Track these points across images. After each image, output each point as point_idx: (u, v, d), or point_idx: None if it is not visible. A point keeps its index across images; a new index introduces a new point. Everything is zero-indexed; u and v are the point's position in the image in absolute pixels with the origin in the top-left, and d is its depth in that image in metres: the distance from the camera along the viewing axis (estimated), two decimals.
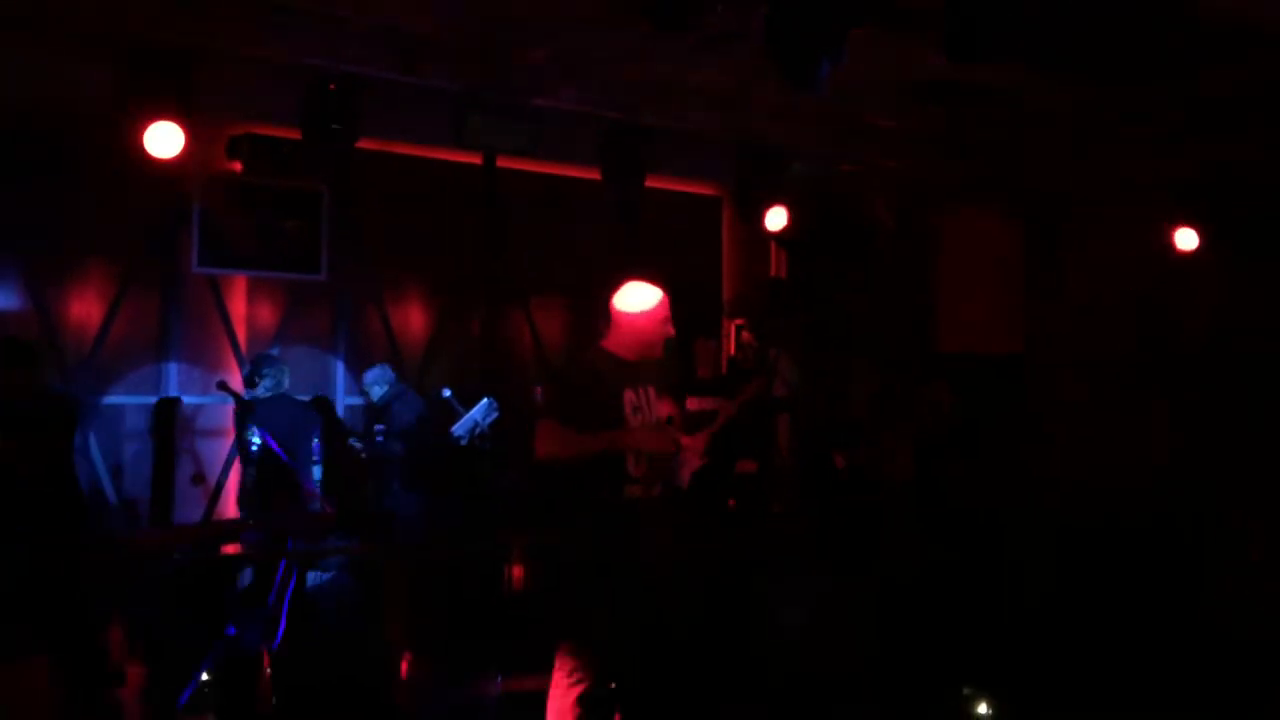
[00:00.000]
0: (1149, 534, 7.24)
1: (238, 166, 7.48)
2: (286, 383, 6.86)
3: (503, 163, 8.28)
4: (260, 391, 6.79)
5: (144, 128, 5.95)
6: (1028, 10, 5.43)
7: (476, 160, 8.20)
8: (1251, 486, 7.15)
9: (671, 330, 4.64)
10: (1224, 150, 7.19)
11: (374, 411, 7.43)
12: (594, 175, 7.88)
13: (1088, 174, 7.94)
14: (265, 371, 6.92)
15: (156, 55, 5.93)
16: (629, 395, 4.48)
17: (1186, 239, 7.69)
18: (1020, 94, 7.09)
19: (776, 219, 7.85)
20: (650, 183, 7.98)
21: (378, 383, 7.39)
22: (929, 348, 9.25)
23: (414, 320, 8.44)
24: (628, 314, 4.54)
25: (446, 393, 6.93)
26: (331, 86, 5.99)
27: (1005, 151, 8.01)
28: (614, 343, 4.56)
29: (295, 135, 6.96)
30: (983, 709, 5.72)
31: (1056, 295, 8.52)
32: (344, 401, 8.00)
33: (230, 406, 7.08)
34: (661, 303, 4.57)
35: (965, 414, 8.31)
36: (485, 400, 6.77)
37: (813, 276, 9.16)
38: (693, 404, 6.82)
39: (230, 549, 6.28)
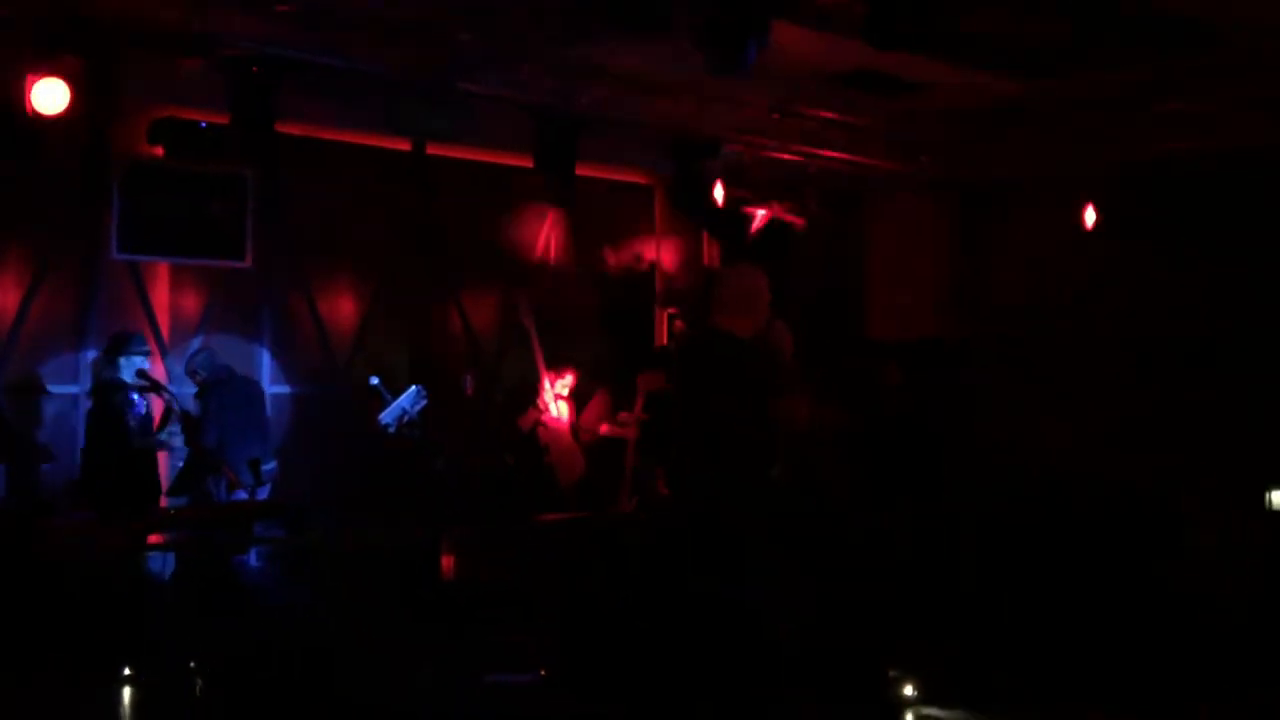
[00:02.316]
0: (1085, 514, 7.38)
1: (160, 151, 7.31)
2: (221, 359, 6.79)
3: (433, 149, 8.22)
4: (205, 377, 6.70)
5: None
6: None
7: (406, 146, 8.13)
8: (1185, 463, 7.32)
9: None
10: (1144, 137, 7.35)
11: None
12: (526, 163, 7.85)
13: (1013, 163, 8.08)
14: (196, 360, 6.85)
15: (76, 31, 5.77)
16: None
17: (1089, 217, 7.82)
18: (946, 85, 7.20)
19: (716, 194, 7.85)
20: (583, 171, 7.98)
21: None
22: (859, 333, 9.36)
23: (342, 308, 8.33)
24: None
25: (374, 380, 6.86)
26: (255, 69, 5.86)
27: (933, 141, 8.12)
28: None
29: (220, 119, 6.87)
30: (909, 690, 5.80)
31: (984, 281, 8.67)
32: (271, 390, 7.87)
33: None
34: None
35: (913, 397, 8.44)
36: (414, 388, 6.72)
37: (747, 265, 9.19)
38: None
39: (155, 539, 6.18)
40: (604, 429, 7.74)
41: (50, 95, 5.81)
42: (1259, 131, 7.07)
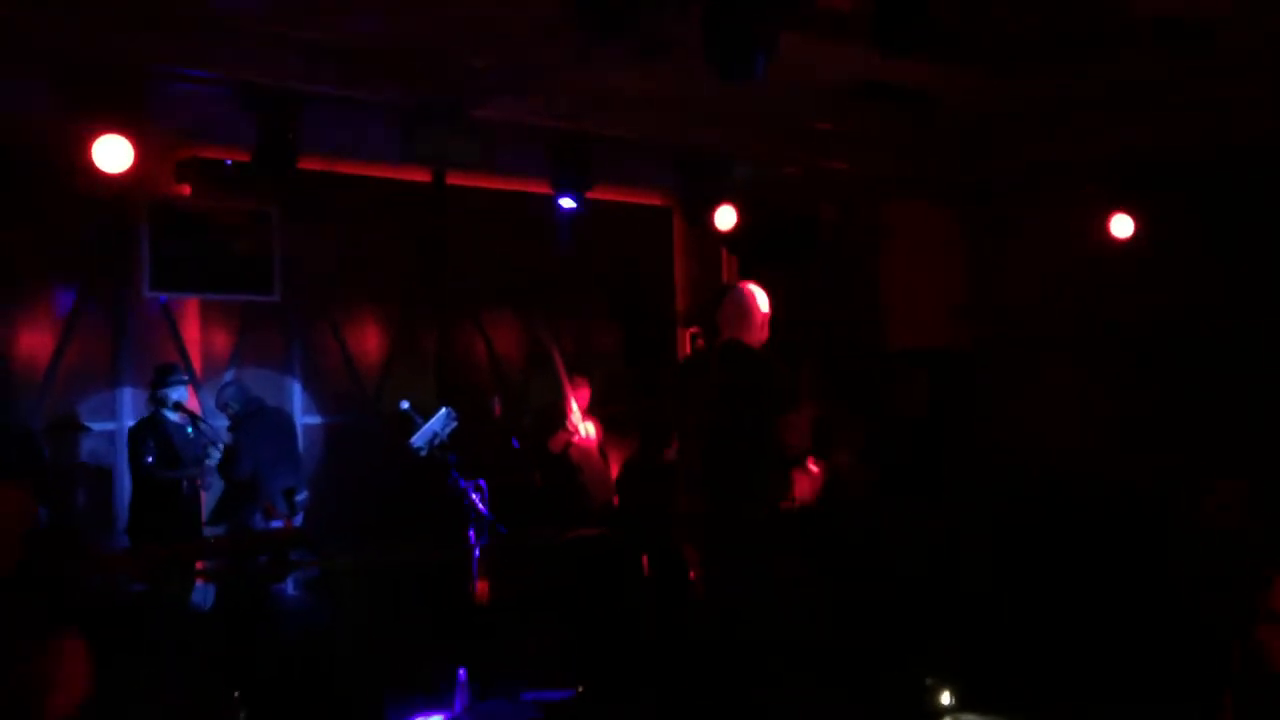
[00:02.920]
0: (1107, 515, 7.39)
1: (186, 189, 7.50)
2: (253, 392, 6.93)
3: (451, 179, 8.38)
4: (238, 410, 6.84)
5: (91, 145, 5.96)
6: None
7: (425, 178, 8.29)
8: (1205, 460, 7.33)
9: None
10: (1156, 135, 7.39)
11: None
12: (543, 189, 8.00)
13: (1022, 168, 8.15)
14: (228, 393, 6.98)
15: (106, 74, 5.95)
16: None
17: (1122, 226, 7.89)
18: (955, 91, 7.28)
19: (725, 218, 7.96)
20: (601, 194, 8.10)
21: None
22: (880, 347, 9.41)
23: (369, 337, 8.48)
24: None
25: (405, 405, 6.95)
26: (276, 102, 6.02)
27: (944, 148, 8.20)
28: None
29: (242, 156, 7.04)
30: (946, 699, 5.80)
31: (1001, 287, 8.71)
32: (302, 420, 8.00)
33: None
34: None
35: (920, 404, 8.49)
36: (443, 410, 6.79)
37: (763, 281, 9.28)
38: None
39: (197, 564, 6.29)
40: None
41: (114, 154, 5.98)
42: (1261, 131, 7.11)
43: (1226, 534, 6.24)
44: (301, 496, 6.73)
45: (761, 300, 5.13)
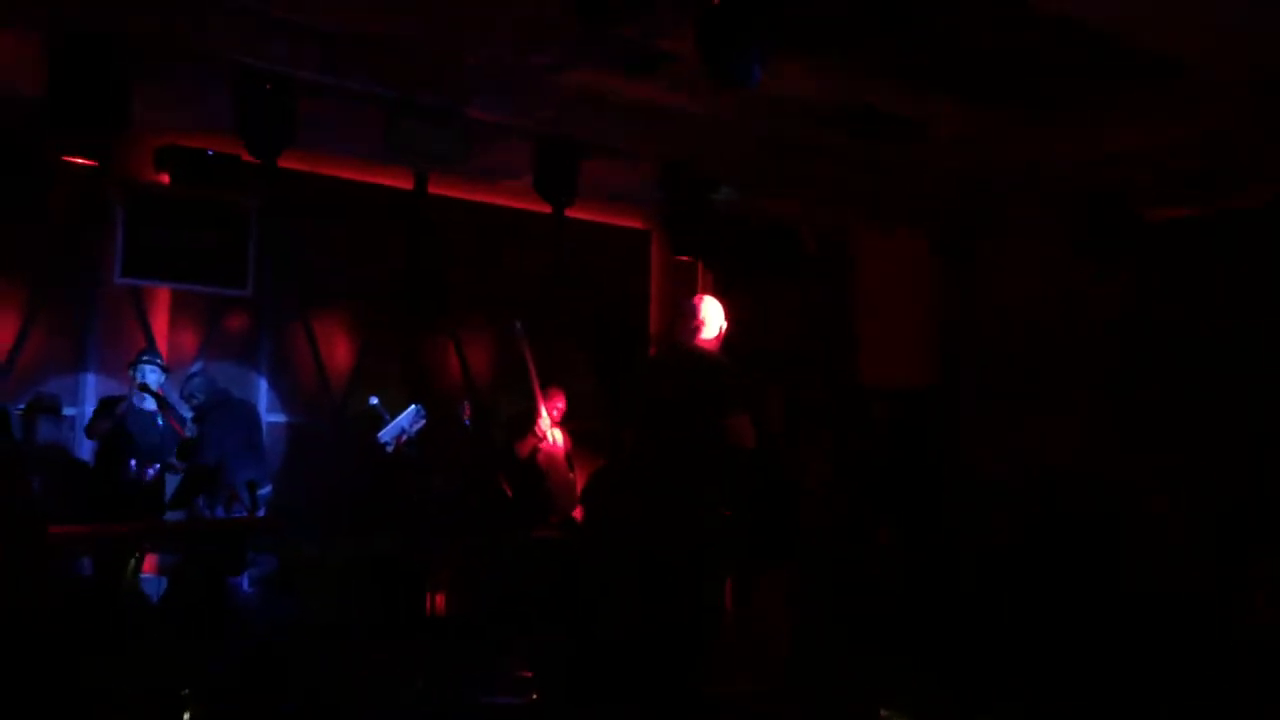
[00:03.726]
0: (1070, 552, 7.43)
1: (165, 178, 7.43)
2: (219, 383, 6.84)
3: (433, 189, 8.37)
4: (202, 401, 6.74)
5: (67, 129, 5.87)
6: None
7: (406, 184, 8.28)
8: (1166, 496, 7.39)
9: None
10: (1122, 175, 7.52)
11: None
12: (523, 205, 8.00)
13: (1000, 198, 8.25)
14: (194, 384, 6.89)
15: (85, 49, 5.87)
16: None
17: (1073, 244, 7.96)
18: (935, 123, 7.38)
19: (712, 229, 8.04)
20: (579, 214, 8.11)
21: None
22: (853, 378, 9.43)
23: (340, 340, 8.40)
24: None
25: (374, 400, 6.89)
26: (268, 86, 5.98)
27: (925, 179, 8.29)
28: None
29: (225, 148, 7.00)
30: None
31: (974, 319, 8.78)
32: (267, 418, 7.88)
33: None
34: None
35: (892, 436, 8.51)
36: (413, 407, 6.75)
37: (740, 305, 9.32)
38: None
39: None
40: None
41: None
42: (1223, 159, 7.25)
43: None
44: (265, 490, 6.61)
45: (715, 311, 5.29)
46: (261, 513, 6.85)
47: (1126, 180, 7.56)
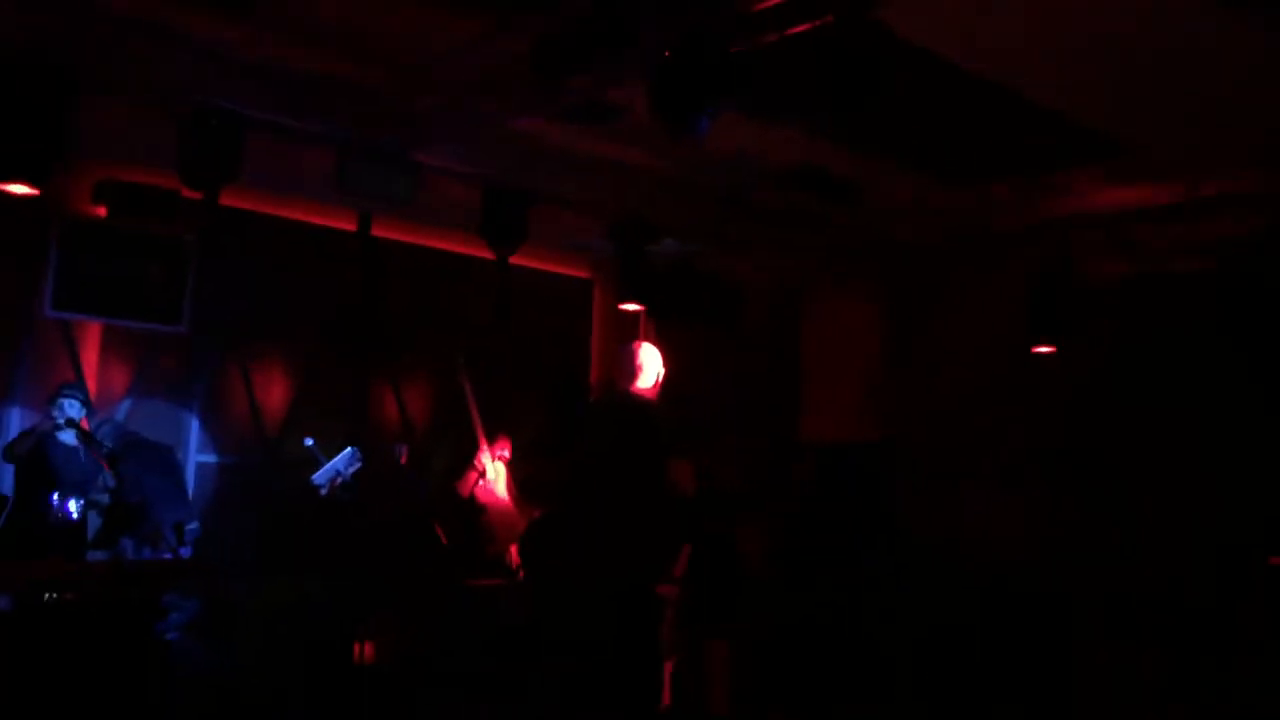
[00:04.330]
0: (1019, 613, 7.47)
1: (102, 211, 7.29)
2: (128, 428, 6.70)
3: (377, 230, 8.32)
4: (112, 446, 6.58)
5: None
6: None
7: (350, 225, 8.22)
8: (1098, 570, 7.45)
9: None
10: (1060, 242, 7.66)
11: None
12: (467, 250, 7.96)
13: (944, 265, 8.36)
14: (103, 431, 6.75)
15: (24, 78, 5.77)
16: None
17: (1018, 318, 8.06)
18: (882, 188, 7.49)
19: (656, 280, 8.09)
20: (525, 262, 8.07)
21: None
22: (793, 435, 9.46)
23: (277, 380, 8.24)
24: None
25: (309, 441, 6.77)
26: (213, 121, 5.92)
27: (869, 242, 8.39)
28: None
29: (166, 182, 6.89)
30: None
31: (915, 382, 8.84)
32: (195, 459, 7.71)
33: None
34: None
35: (832, 495, 8.52)
36: (349, 449, 6.64)
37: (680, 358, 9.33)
38: None
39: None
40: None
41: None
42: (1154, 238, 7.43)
43: None
44: (192, 526, 6.44)
45: (653, 358, 5.34)
46: (187, 552, 6.68)
47: (1071, 248, 7.68)
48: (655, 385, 5.31)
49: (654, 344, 5.60)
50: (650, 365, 5.30)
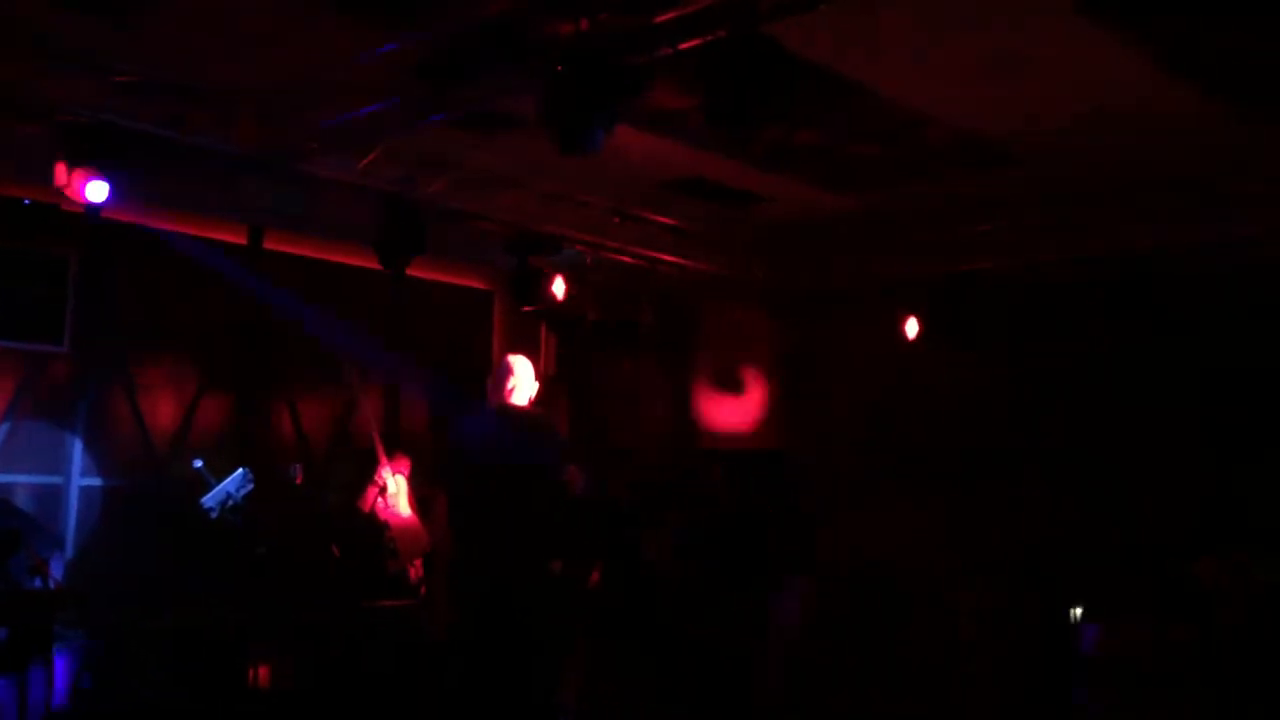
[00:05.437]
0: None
1: None
2: None
3: (269, 244, 8.14)
4: None
5: None
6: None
7: (240, 239, 8.03)
8: (974, 567, 7.62)
9: None
10: (958, 252, 7.83)
11: None
12: (364, 263, 7.82)
13: (842, 274, 8.48)
14: None
15: None
16: None
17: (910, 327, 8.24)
18: (778, 197, 7.57)
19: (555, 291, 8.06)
20: (424, 274, 7.96)
21: None
22: (691, 443, 9.51)
23: (165, 400, 7.99)
24: None
25: (198, 463, 6.59)
26: (95, 140, 5.74)
27: (765, 251, 8.48)
28: None
29: (46, 198, 6.66)
30: None
31: (813, 390, 8.95)
32: (79, 483, 7.44)
33: None
34: None
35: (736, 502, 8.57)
36: (240, 471, 6.48)
37: (578, 369, 9.35)
38: None
39: None
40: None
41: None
42: (1055, 249, 7.62)
43: None
44: (55, 559, 6.22)
45: (527, 371, 5.36)
46: (55, 581, 6.44)
47: (966, 265, 7.83)
48: (530, 400, 5.33)
49: (556, 354, 5.61)
50: (524, 379, 5.31)
